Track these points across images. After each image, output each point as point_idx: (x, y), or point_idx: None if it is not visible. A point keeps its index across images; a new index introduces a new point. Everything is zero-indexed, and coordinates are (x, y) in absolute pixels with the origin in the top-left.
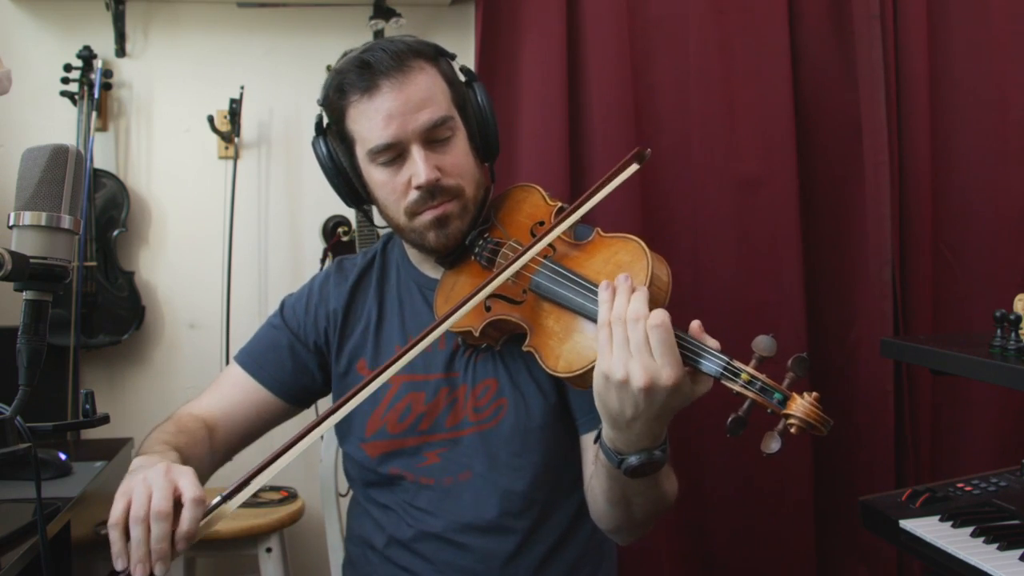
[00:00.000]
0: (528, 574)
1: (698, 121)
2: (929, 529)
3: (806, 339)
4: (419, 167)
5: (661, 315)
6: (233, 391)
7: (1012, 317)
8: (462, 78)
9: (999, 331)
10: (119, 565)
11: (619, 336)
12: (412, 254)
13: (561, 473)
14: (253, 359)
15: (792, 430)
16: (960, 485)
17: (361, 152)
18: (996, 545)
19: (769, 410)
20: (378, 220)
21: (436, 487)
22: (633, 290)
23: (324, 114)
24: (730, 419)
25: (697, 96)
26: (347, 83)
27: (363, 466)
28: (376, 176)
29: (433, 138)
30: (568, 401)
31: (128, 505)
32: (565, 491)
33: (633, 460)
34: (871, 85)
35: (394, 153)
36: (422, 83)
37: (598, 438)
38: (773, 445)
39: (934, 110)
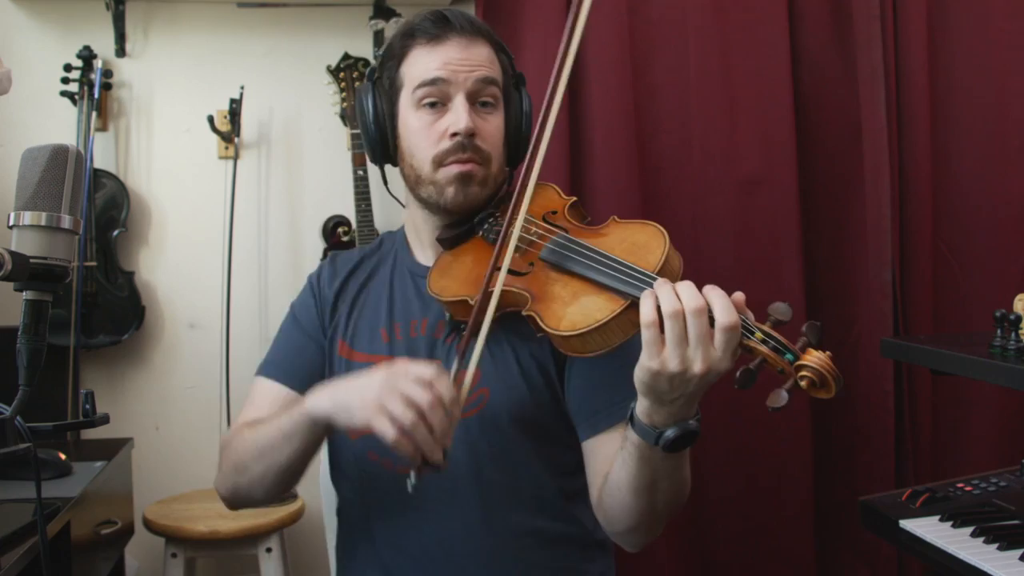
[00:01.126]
0: (519, 568)
1: (698, 121)
2: (929, 529)
3: None
4: (460, 114)
5: (734, 316)
6: (272, 408)
7: (1012, 317)
8: (514, 80)
9: (999, 331)
10: (419, 461)
11: (676, 331)
12: (415, 231)
13: (549, 465)
14: (282, 369)
15: (803, 383)
16: (960, 485)
17: (406, 94)
18: (996, 545)
19: (779, 368)
20: (393, 188)
21: (413, 477)
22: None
23: (379, 63)
24: (739, 371)
25: (697, 96)
26: (419, 29)
27: (348, 450)
28: (413, 121)
29: (478, 99)
30: (564, 400)
31: (393, 421)
32: (554, 485)
33: (670, 433)
34: (871, 85)
35: (439, 93)
36: (485, 52)
37: (630, 418)
38: (780, 399)
39: (934, 110)
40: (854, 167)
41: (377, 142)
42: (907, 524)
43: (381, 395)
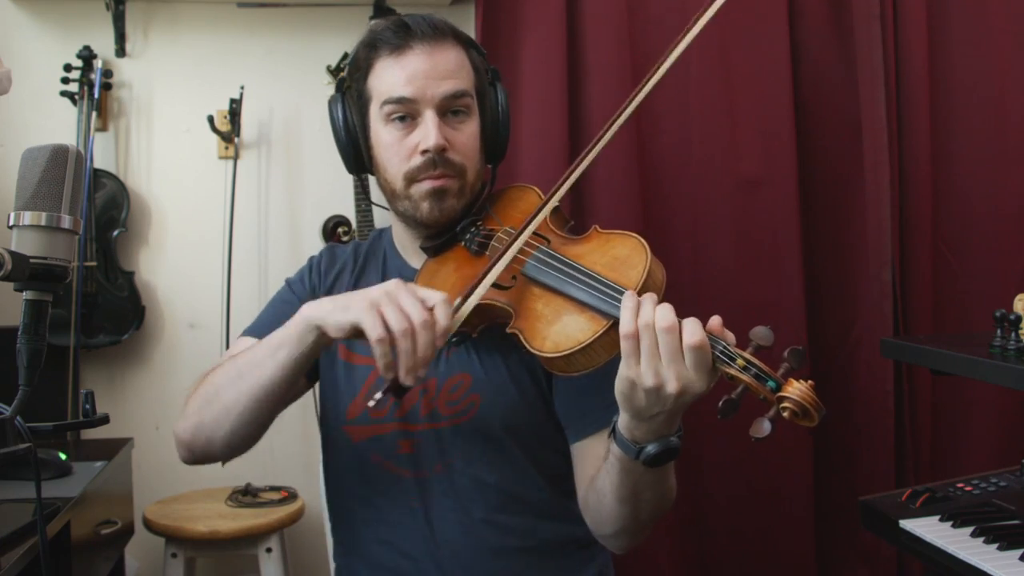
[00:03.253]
0: (519, 569)
1: (698, 121)
2: (929, 529)
3: (806, 339)
4: (430, 130)
5: (700, 336)
6: None
7: (1012, 317)
8: (488, 76)
9: (999, 331)
10: (390, 375)
11: (649, 343)
12: (399, 239)
13: (543, 468)
14: (268, 329)
15: (785, 414)
16: (960, 485)
17: (375, 108)
18: (996, 545)
19: (762, 396)
20: (375, 196)
21: (412, 480)
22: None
23: (347, 74)
24: (722, 401)
25: (697, 96)
26: (380, 40)
27: (349, 452)
28: (384, 136)
29: (449, 109)
30: (553, 405)
31: (385, 322)
32: (549, 487)
33: (651, 449)
34: (871, 85)
35: (406, 110)
36: (452, 57)
37: (612, 432)
38: (763, 429)
39: (934, 110)
40: (854, 167)
41: (350, 153)
42: (907, 524)
43: (380, 299)
